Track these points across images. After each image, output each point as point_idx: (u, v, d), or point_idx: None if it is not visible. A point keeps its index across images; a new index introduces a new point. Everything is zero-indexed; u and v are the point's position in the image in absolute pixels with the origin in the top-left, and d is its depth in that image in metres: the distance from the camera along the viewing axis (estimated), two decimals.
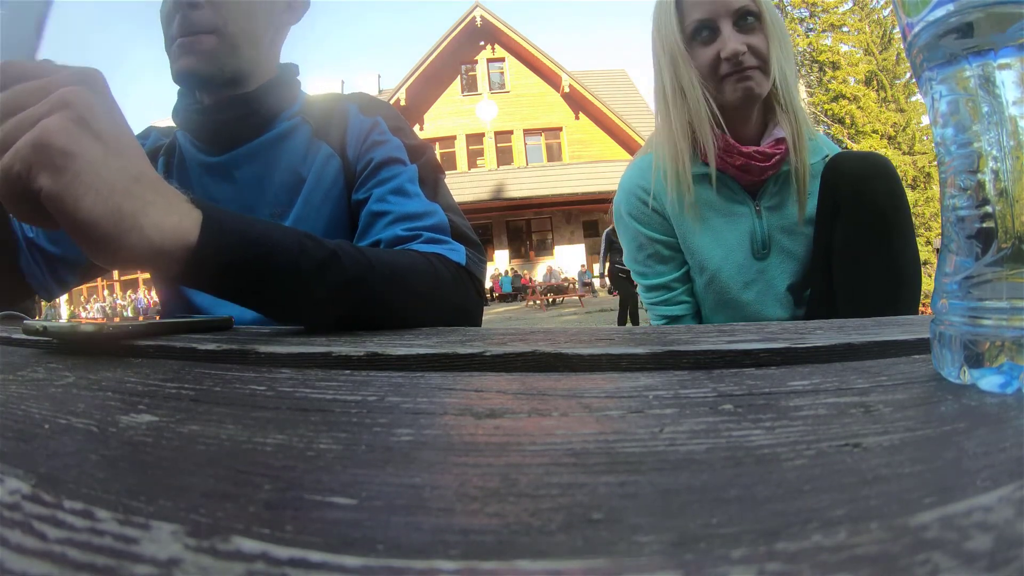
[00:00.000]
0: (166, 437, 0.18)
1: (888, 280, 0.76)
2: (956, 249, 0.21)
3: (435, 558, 0.11)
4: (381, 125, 0.66)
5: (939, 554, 0.10)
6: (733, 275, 0.89)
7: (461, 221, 0.63)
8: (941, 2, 0.20)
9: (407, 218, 0.59)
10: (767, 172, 0.86)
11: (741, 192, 0.89)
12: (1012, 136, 0.19)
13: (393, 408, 0.21)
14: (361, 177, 0.64)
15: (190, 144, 0.68)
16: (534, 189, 13.42)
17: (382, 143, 0.65)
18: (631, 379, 0.25)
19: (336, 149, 0.66)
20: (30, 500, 0.13)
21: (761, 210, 0.89)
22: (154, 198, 0.36)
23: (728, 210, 0.89)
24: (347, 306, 0.45)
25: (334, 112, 0.68)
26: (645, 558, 0.10)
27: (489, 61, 15.00)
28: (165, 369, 0.30)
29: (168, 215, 0.36)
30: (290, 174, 0.65)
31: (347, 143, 0.66)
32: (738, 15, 0.80)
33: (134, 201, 0.35)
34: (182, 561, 0.11)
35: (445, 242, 0.59)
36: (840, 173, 0.79)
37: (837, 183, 0.79)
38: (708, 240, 0.89)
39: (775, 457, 0.15)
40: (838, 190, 0.78)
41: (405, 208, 0.60)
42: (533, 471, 0.15)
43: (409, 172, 0.63)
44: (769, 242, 0.89)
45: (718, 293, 0.90)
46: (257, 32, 0.64)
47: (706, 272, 0.90)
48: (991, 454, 0.14)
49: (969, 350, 0.20)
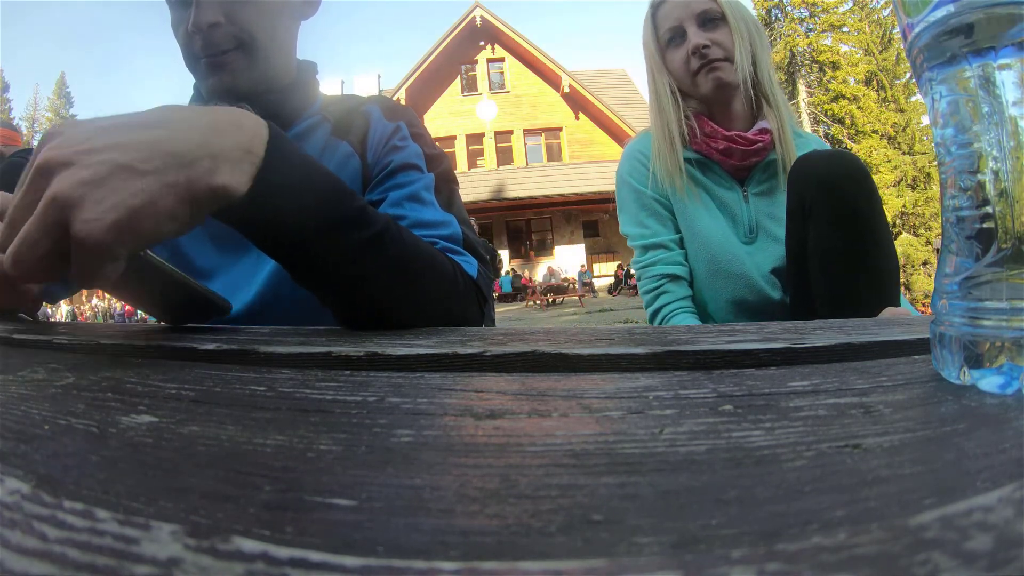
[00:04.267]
0: (166, 438, 0.18)
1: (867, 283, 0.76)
2: (956, 250, 0.21)
3: (435, 559, 0.11)
4: (403, 130, 0.66)
5: (939, 554, 0.10)
6: (722, 247, 0.93)
7: (474, 236, 0.63)
8: (941, 2, 0.20)
9: (422, 225, 0.59)
10: (750, 158, 0.92)
11: (728, 179, 0.95)
12: (1012, 136, 0.19)
13: (393, 409, 0.21)
14: (378, 178, 0.64)
15: None
16: (534, 189, 13.42)
17: (402, 148, 0.65)
18: (631, 379, 0.25)
19: (356, 149, 0.65)
20: (30, 500, 0.13)
21: (749, 196, 0.94)
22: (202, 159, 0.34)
23: (717, 193, 0.95)
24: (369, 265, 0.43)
25: (355, 113, 0.68)
26: (645, 559, 0.10)
27: (489, 61, 15.00)
28: (165, 369, 0.30)
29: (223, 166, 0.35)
30: None
31: (368, 145, 0.66)
32: (702, 18, 0.91)
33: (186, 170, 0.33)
34: (182, 561, 0.11)
35: (460, 253, 0.58)
36: (807, 175, 0.78)
37: (805, 185, 0.78)
38: (700, 210, 0.94)
39: (775, 458, 0.15)
40: (806, 192, 0.78)
41: (421, 215, 0.60)
42: (533, 472, 0.15)
43: (426, 180, 0.63)
44: (756, 227, 0.94)
45: (709, 261, 0.94)
46: (278, 35, 0.64)
47: (698, 237, 0.94)
48: (991, 455, 0.14)
49: (969, 351, 0.20)
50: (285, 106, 0.65)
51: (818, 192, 0.76)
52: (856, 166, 0.77)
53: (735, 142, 0.91)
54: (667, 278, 0.95)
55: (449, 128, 14.53)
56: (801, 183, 0.79)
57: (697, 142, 0.94)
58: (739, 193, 0.94)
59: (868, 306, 0.73)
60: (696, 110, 0.95)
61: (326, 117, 0.67)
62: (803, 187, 0.78)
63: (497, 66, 15.07)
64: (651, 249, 0.97)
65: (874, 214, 0.76)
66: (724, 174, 0.95)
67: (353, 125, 0.66)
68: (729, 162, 0.93)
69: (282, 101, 0.65)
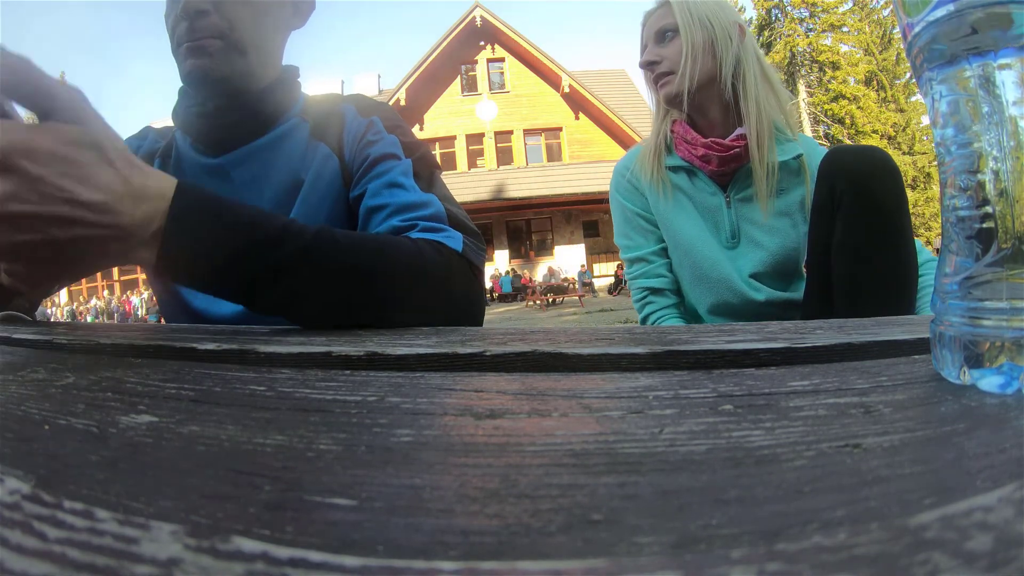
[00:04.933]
0: (166, 438, 0.18)
1: (890, 280, 0.77)
2: (956, 249, 0.21)
3: (435, 559, 0.11)
4: (377, 125, 0.67)
5: (939, 554, 0.10)
6: (704, 253, 0.96)
7: (458, 211, 0.63)
8: (941, 2, 0.20)
9: (403, 208, 0.60)
10: (729, 164, 0.94)
11: (712, 184, 0.98)
12: (1012, 136, 0.19)
13: (393, 408, 0.21)
14: (358, 174, 0.65)
15: (188, 145, 0.68)
16: (534, 189, 13.42)
17: (377, 141, 0.65)
18: (631, 379, 0.25)
19: (334, 150, 0.66)
20: (30, 500, 0.13)
21: (731, 201, 0.96)
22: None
23: (700, 200, 0.98)
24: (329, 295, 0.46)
25: (332, 113, 0.68)
26: (645, 559, 0.10)
27: (489, 61, 14.99)
28: (165, 369, 0.30)
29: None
30: (288, 175, 0.66)
31: (344, 143, 0.67)
32: (659, 35, 0.96)
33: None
34: (182, 561, 0.11)
35: (442, 230, 0.58)
36: (840, 168, 0.79)
37: (836, 178, 0.79)
38: (682, 218, 0.98)
39: (775, 458, 0.15)
40: (837, 185, 0.79)
41: (401, 199, 0.60)
42: (533, 472, 0.15)
43: (403, 166, 0.63)
44: (739, 232, 0.96)
45: (692, 267, 0.98)
46: (263, 36, 0.65)
47: (681, 245, 0.98)
48: (991, 454, 0.14)
49: (969, 351, 0.20)
50: (265, 107, 0.66)
51: (849, 185, 0.77)
52: (888, 162, 0.79)
53: (711, 148, 0.94)
54: (649, 291, 1.02)
55: (449, 128, 14.54)
56: (833, 176, 0.80)
57: (680, 149, 0.98)
58: (722, 199, 0.97)
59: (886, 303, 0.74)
60: (681, 118, 0.99)
61: (306, 119, 0.68)
62: (835, 179, 0.79)
63: (497, 66, 15.06)
64: (635, 263, 1.04)
65: (900, 212, 0.78)
66: (708, 180, 0.97)
67: (330, 126, 0.67)
68: (709, 168, 0.95)
69: (262, 101, 0.66)
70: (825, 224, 0.81)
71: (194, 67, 0.60)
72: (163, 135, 0.74)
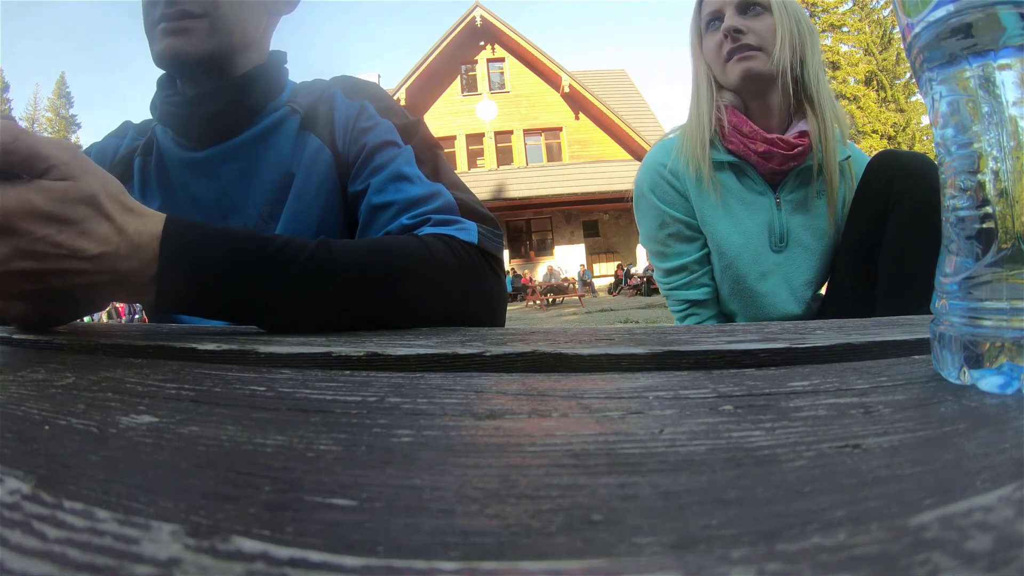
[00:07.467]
0: (166, 438, 0.18)
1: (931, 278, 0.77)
2: (956, 250, 0.21)
3: (435, 559, 0.11)
4: (368, 109, 0.63)
5: (939, 554, 0.10)
6: (750, 264, 0.90)
7: (468, 197, 0.59)
8: (941, 2, 0.20)
9: (412, 204, 0.56)
10: (789, 163, 0.87)
11: (762, 183, 0.90)
12: (1012, 136, 0.19)
13: (393, 409, 0.21)
14: (355, 167, 0.61)
15: (170, 140, 0.64)
16: (534, 189, 13.42)
17: (372, 128, 0.61)
18: (631, 380, 0.25)
19: (326, 141, 0.62)
20: (30, 500, 0.13)
21: (781, 203, 0.90)
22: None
23: (749, 199, 0.90)
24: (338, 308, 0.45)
25: (320, 99, 0.65)
26: (645, 559, 0.10)
27: (489, 61, 15.00)
28: (165, 370, 0.30)
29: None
30: (279, 169, 0.62)
31: (335, 132, 0.62)
32: (743, 6, 0.87)
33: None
34: (182, 561, 0.11)
35: (455, 222, 0.55)
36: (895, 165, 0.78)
37: (893, 173, 0.78)
38: (728, 225, 0.90)
39: (775, 458, 0.15)
40: (892, 186, 0.77)
41: (407, 194, 0.57)
42: (533, 472, 0.15)
43: (405, 154, 0.59)
44: (787, 236, 0.90)
45: (734, 281, 0.91)
46: (249, 17, 0.61)
47: (725, 257, 0.91)
48: (991, 455, 0.14)
49: (969, 351, 0.20)
50: (251, 93, 0.62)
51: (905, 181, 0.76)
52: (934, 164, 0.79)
53: (776, 145, 0.86)
54: (692, 303, 0.94)
55: (449, 128, 14.53)
56: (888, 171, 0.78)
57: (733, 141, 0.89)
58: (771, 199, 0.90)
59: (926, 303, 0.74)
60: (731, 103, 0.90)
61: (295, 108, 0.64)
62: (891, 175, 0.78)
63: (497, 66, 15.07)
64: (674, 272, 0.94)
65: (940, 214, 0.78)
66: (758, 178, 0.90)
67: (319, 113, 0.64)
68: (767, 166, 0.88)
69: (247, 89, 0.62)
70: (869, 221, 0.79)
71: (167, 48, 0.56)
72: (143, 131, 0.69)
